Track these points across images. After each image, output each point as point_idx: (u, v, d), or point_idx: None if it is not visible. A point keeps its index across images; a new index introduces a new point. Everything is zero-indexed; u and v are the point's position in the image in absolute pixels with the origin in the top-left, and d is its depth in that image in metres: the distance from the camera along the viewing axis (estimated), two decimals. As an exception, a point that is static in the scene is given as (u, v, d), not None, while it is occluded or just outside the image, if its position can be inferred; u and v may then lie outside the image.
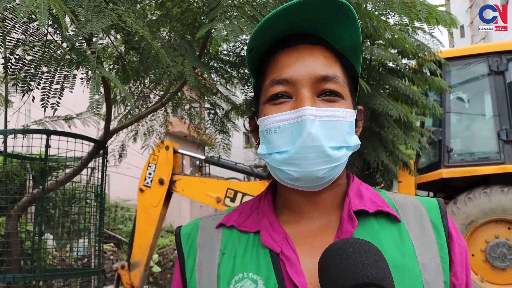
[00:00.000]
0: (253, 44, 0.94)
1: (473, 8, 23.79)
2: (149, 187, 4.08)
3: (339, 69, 0.93)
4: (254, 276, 0.87)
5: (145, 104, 4.72)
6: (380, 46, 5.53)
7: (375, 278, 0.69)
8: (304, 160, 0.85)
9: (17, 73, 1.99)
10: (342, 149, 0.88)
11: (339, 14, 0.88)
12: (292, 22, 0.90)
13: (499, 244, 6.21)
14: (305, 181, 0.88)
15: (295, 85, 0.89)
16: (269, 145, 0.90)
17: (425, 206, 0.96)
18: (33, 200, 3.81)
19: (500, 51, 6.93)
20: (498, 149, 6.68)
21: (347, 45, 0.94)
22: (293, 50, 0.92)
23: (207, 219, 1.03)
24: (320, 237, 0.92)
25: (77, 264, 6.07)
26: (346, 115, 0.90)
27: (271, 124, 0.89)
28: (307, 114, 0.84)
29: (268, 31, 0.91)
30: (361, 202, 0.94)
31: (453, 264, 0.90)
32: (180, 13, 3.57)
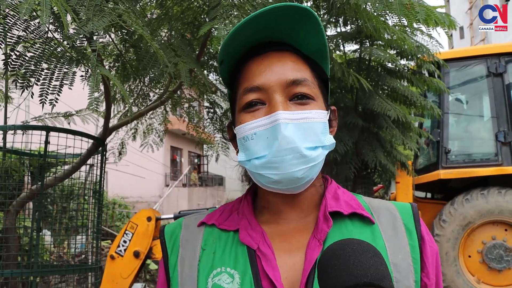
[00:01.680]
0: (223, 56, 0.98)
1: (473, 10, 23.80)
2: (121, 256, 3.80)
3: (308, 72, 0.96)
4: (231, 270, 0.91)
5: (145, 102, 4.73)
6: (379, 47, 5.54)
7: (374, 278, 0.70)
8: (282, 163, 0.88)
9: (17, 69, 2.00)
10: (318, 149, 0.92)
11: (303, 19, 0.91)
12: (259, 32, 0.94)
13: (496, 246, 6.23)
14: (286, 183, 0.90)
15: (267, 91, 0.92)
16: (248, 151, 0.94)
17: (399, 210, 1.00)
18: (32, 196, 3.82)
19: (499, 53, 6.95)
20: (495, 151, 6.69)
21: (314, 48, 0.98)
22: (262, 58, 0.95)
23: (190, 218, 1.07)
24: (297, 236, 0.96)
25: (74, 261, 6.07)
26: (319, 116, 0.93)
27: (248, 131, 0.92)
28: (280, 118, 0.87)
29: (237, 42, 0.94)
30: (337, 204, 0.97)
31: (425, 265, 0.94)
32: (180, 12, 3.58)
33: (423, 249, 0.95)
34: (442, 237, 6.30)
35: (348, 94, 5.77)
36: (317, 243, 0.91)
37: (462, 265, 6.30)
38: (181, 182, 21.77)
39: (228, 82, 1.05)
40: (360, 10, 3.37)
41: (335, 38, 5.53)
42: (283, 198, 0.98)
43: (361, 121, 5.26)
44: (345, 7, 3.42)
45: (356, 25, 5.04)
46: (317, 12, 4.75)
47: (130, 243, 3.87)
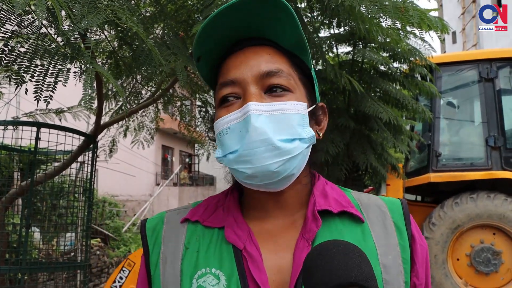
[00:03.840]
0: (199, 53, 0.95)
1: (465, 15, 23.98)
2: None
3: (286, 65, 0.94)
4: (216, 271, 0.88)
5: (137, 99, 4.71)
6: (372, 50, 5.57)
7: (359, 278, 0.70)
8: (254, 155, 0.84)
9: (10, 65, 1.98)
10: (295, 141, 0.88)
11: (277, 11, 0.88)
12: (235, 27, 0.92)
13: (484, 249, 6.29)
14: (261, 177, 0.87)
15: (241, 85, 0.90)
16: (223, 147, 0.91)
17: (389, 208, 0.98)
18: (21, 192, 3.79)
19: (491, 58, 7.00)
20: (485, 155, 6.75)
21: (292, 40, 0.94)
22: (239, 53, 0.94)
23: (173, 213, 1.03)
24: (284, 235, 0.93)
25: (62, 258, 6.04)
26: (295, 108, 0.89)
27: (223, 126, 0.90)
28: (251, 109, 0.85)
29: (212, 38, 0.92)
30: (325, 202, 0.95)
31: (415, 265, 0.92)
32: (174, 10, 3.58)
33: (414, 249, 0.93)
34: (432, 240, 6.35)
35: (341, 96, 5.80)
36: (306, 244, 0.89)
37: (450, 268, 6.35)
38: (172, 181, 21.72)
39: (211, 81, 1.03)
40: (354, 12, 3.38)
41: (328, 40, 5.55)
42: (268, 195, 0.94)
43: (353, 123, 5.28)
44: (339, 8, 3.43)
45: (349, 27, 5.05)
46: (310, 14, 4.77)
47: (126, 280, 3.89)
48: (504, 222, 6.19)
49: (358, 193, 1.03)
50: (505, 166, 6.56)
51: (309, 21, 4.82)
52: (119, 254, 10.75)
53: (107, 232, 11.76)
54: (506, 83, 7.16)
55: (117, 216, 14.47)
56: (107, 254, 10.04)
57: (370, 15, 3.43)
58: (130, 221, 14.52)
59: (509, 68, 7.12)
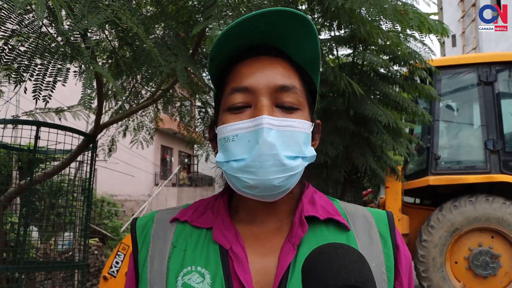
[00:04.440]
0: (214, 54, 0.95)
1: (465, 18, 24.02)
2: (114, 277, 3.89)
3: (298, 81, 0.94)
4: (202, 270, 0.89)
5: (137, 99, 4.71)
6: (372, 52, 5.57)
7: (358, 281, 0.70)
8: (260, 168, 0.85)
9: (10, 63, 1.98)
10: (298, 159, 0.89)
11: (298, 27, 0.89)
12: (252, 34, 0.91)
13: (482, 252, 6.29)
14: (262, 189, 0.88)
15: (254, 94, 0.90)
16: (227, 153, 0.91)
17: (375, 218, 0.99)
18: (20, 191, 3.79)
19: (490, 62, 7.01)
20: (484, 159, 6.75)
21: (306, 58, 0.96)
22: (253, 60, 0.94)
23: (163, 213, 1.04)
24: (271, 239, 0.94)
25: (60, 258, 6.02)
26: (303, 126, 0.91)
27: (230, 132, 0.90)
28: (264, 123, 0.85)
29: (230, 42, 0.92)
30: (313, 209, 0.96)
31: (399, 274, 0.93)
32: (175, 10, 3.58)
33: (398, 258, 0.94)
34: (430, 242, 6.35)
35: (340, 98, 5.80)
36: (291, 247, 0.89)
37: (448, 271, 6.35)
38: (170, 181, 21.71)
39: (216, 81, 1.03)
40: (355, 15, 3.39)
41: (328, 42, 5.56)
42: (260, 203, 0.95)
43: (353, 125, 5.29)
44: (340, 11, 3.44)
45: (350, 30, 5.06)
46: (311, 16, 4.77)
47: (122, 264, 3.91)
48: (503, 226, 6.19)
49: (345, 203, 1.04)
50: (503, 170, 6.57)
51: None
52: (117, 254, 10.71)
53: (105, 232, 11.75)
54: (505, 86, 7.17)
55: (115, 215, 14.46)
56: (105, 253, 10.02)
57: (370, 18, 3.43)
58: (128, 221, 14.51)
59: (508, 72, 7.13)
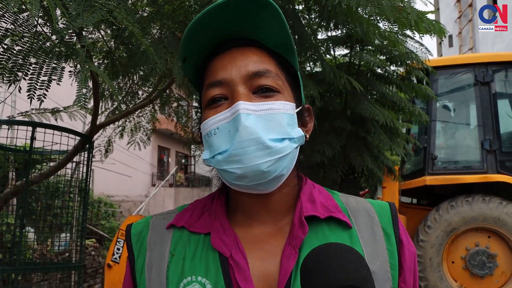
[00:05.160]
0: (185, 53, 0.95)
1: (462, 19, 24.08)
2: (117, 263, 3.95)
3: (273, 65, 0.93)
4: (202, 279, 0.87)
5: (133, 100, 4.70)
6: (369, 52, 5.58)
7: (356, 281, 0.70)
8: (245, 155, 0.83)
9: (4, 63, 1.97)
10: (285, 141, 0.87)
11: (263, 12, 0.88)
12: (220, 28, 0.91)
13: (479, 252, 6.30)
14: (251, 177, 0.86)
15: (229, 85, 0.89)
16: (211, 148, 0.90)
17: (377, 212, 0.97)
18: (16, 192, 3.77)
19: (487, 62, 7.03)
20: (481, 159, 6.77)
21: (279, 41, 0.94)
22: (225, 54, 0.93)
23: (158, 218, 1.02)
24: (271, 242, 0.92)
25: (57, 259, 6.01)
26: (284, 107, 0.89)
27: (211, 127, 0.89)
28: (240, 108, 0.84)
29: (197, 40, 0.92)
30: (313, 207, 0.94)
31: (402, 270, 0.92)
32: (172, 10, 3.57)
33: (401, 254, 0.92)
34: (427, 242, 6.35)
35: (337, 98, 5.80)
36: (292, 251, 0.88)
37: (445, 271, 6.36)
38: (167, 182, 21.69)
39: (196, 83, 1.03)
40: (352, 13, 3.38)
41: (325, 42, 5.56)
42: (256, 199, 0.94)
43: (350, 125, 5.29)
44: (337, 10, 3.44)
45: (346, 30, 5.06)
46: (308, 16, 4.77)
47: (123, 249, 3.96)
48: (499, 226, 6.20)
49: (346, 197, 1.02)
50: (500, 170, 6.58)
51: (307, 23, 4.83)
52: (114, 255, 10.70)
53: (102, 233, 11.73)
54: (502, 86, 7.19)
55: (112, 216, 14.43)
56: (102, 254, 10.00)
57: (368, 16, 3.43)
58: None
59: (505, 72, 7.15)
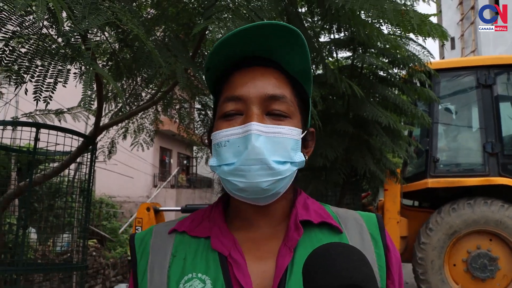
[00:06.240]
0: (210, 64, 1.00)
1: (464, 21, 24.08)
2: None
3: (289, 91, 0.99)
4: (202, 276, 0.92)
5: (137, 101, 4.71)
6: (372, 55, 5.58)
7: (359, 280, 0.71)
8: (249, 172, 0.90)
9: (11, 65, 1.99)
10: (286, 164, 0.94)
11: (290, 39, 0.94)
12: (246, 45, 0.96)
13: (481, 255, 6.30)
14: (250, 192, 0.93)
15: (246, 103, 0.95)
16: (219, 157, 0.96)
17: (365, 220, 1.04)
18: (19, 193, 3.78)
19: (489, 65, 7.04)
20: (483, 162, 6.77)
21: (298, 68, 1.00)
22: (247, 71, 0.99)
23: (161, 225, 1.08)
24: (268, 243, 0.98)
25: (58, 259, 6.02)
26: (291, 133, 0.95)
27: (222, 138, 0.95)
28: (253, 129, 0.90)
29: (224, 52, 0.97)
30: (307, 213, 1.00)
31: (390, 273, 0.98)
32: (176, 13, 3.59)
33: (388, 257, 0.99)
34: (428, 245, 6.36)
35: (340, 100, 5.81)
36: (288, 251, 0.93)
37: (447, 274, 6.36)
38: (169, 183, 21.69)
39: (213, 90, 1.08)
40: (355, 16, 3.39)
41: (328, 45, 5.57)
42: (254, 208, 1.00)
43: (352, 128, 5.29)
44: (340, 12, 3.45)
45: (349, 32, 5.07)
46: (311, 18, 4.78)
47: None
48: (501, 228, 6.20)
49: (336, 208, 1.09)
50: (502, 172, 6.58)
51: (310, 25, 4.84)
52: (116, 256, 10.73)
53: (104, 233, 11.74)
54: (504, 89, 7.20)
55: (114, 217, 14.45)
56: (103, 255, 10.02)
57: (371, 19, 3.44)
58: (127, 223, 14.49)
59: (507, 75, 7.16)
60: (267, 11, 2.83)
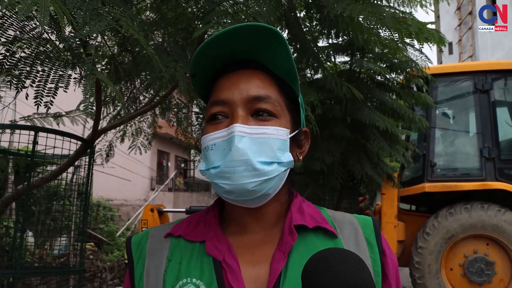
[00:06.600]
0: (195, 70, 1.01)
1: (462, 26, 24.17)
2: None
3: (274, 91, 0.99)
4: (197, 281, 0.92)
5: (135, 105, 4.72)
6: (370, 60, 5.61)
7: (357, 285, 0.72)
8: (234, 174, 0.90)
9: (12, 69, 1.99)
10: (273, 165, 0.93)
11: (270, 40, 0.94)
12: (229, 50, 0.97)
13: (477, 259, 6.31)
14: (238, 194, 0.92)
15: (231, 106, 0.95)
16: (207, 161, 0.96)
17: (361, 224, 1.03)
18: (17, 196, 3.78)
19: (486, 70, 7.06)
20: (480, 166, 6.78)
21: (283, 68, 1.00)
22: (232, 74, 0.99)
23: (157, 229, 1.08)
24: (262, 248, 0.98)
25: (55, 263, 6.00)
26: (278, 133, 0.95)
27: (209, 142, 0.96)
28: (236, 131, 0.90)
29: (207, 58, 0.98)
30: (301, 218, 1.00)
31: (386, 277, 0.97)
32: (175, 17, 3.60)
33: (384, 262, 0.98)
34: (425, 249, 6.36)
35: (337, 105, 5.82)
36: (282, 255, 0.93)
37: (444, 278, 6.36)
38: (167, 186, 21.66)
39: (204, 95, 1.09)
40: (353, 23, 3.41)
41: (326, 50, 5.59)
42: (248, 211, 1.00)
43: (349, 132, 5.31)
44: (338, 19, 3.46)
45: (348, 37, 5.09)
46: (309, 23, 4.80)
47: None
48: (498, 233, 6.22)
49: (333, 212, 1.08)
50: (499, 177, 6.60)
51: (308, 30, 4.86)
52: (113, 259, 10.69)
53: (101, 237, 11.71)
54: (501, 95, 7.22)
55: (111, 220, 14.41)
56: (100, 258, 9.99)
57: (369, 26, 3.45)
58: (124, 226, 14.46)
59: (504, 80, 7.18)
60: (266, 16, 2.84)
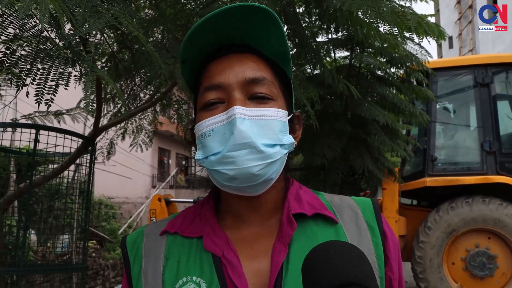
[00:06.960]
0: (184, 56, 0.97)
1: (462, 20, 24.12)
2: None
3: (269, 73, 0.96)
4: (197, 279, 0.90)
5: (135, 102, 4.72)
6: (370, 55, 5.60)
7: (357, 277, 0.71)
8: (238, 157, 0.86)
9: (12, 68, 2.00)
10: (276, 147, 0.90)
11: (264, 21, 0.91)
12: (220, 33, 0.94)
13: (479, 253, 6.31)
14: (242, 179, 0.88)
15: (226, 90, 0.92)
16: (205, 149, 0.92)
17: (360, 207, 1.01)
18: (19, 194, 3.79)
19: (486, 63, 7.05)
20: (481, 160, 6.78)
21: (276, 50, 0.98)
22: (223, 59, 0.96)
23: (152, 226, 1.04)
24: (261, 241, 0.95)
25: (58, 260, 6.02)
26: (277, 115, 0.92)
27: (205, 128, 0.91)
28: (236, 113, 0.87)
29: (198, 42, 0.94)
30: (299, 206, 0.97)
31: (388, 260, 0.95)
32: (174, 14, 3.60)
33: (386, 245, 0.96)
34: (427, 244, 6.37)
35: (338, 100, 5.82)
36: (282, 247, 0.91)
37: (445, 272, 6.37)
38: (168, 183, 21.68)
39: (192, 84, 1.05)
40: (353, 17, 3.41)
41: (326, 45, 5.58)
42: (244, 201, 0.97)
43: (350, 127, 5.31)
44: (338, 13, 3.46)
45: (347, 32, 5.09)
46: (309, 18, 4.79)
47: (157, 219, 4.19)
48: (499, 227, 6.22)
49: (331, 195, 1.05)
50: (500, 171, 6.60)
51: (307, 25, 4.85)
52: (115, 256, 10.72)
53: (103, 234, 11.74)
54: (502, 88, 7.21)
55: (113, 218, 14.44)
56: (102, 256, 10.01)
57: (368, 20, 3.45)
58: (126, 224, 14.50)
59: (505, 74, 7.17)
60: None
